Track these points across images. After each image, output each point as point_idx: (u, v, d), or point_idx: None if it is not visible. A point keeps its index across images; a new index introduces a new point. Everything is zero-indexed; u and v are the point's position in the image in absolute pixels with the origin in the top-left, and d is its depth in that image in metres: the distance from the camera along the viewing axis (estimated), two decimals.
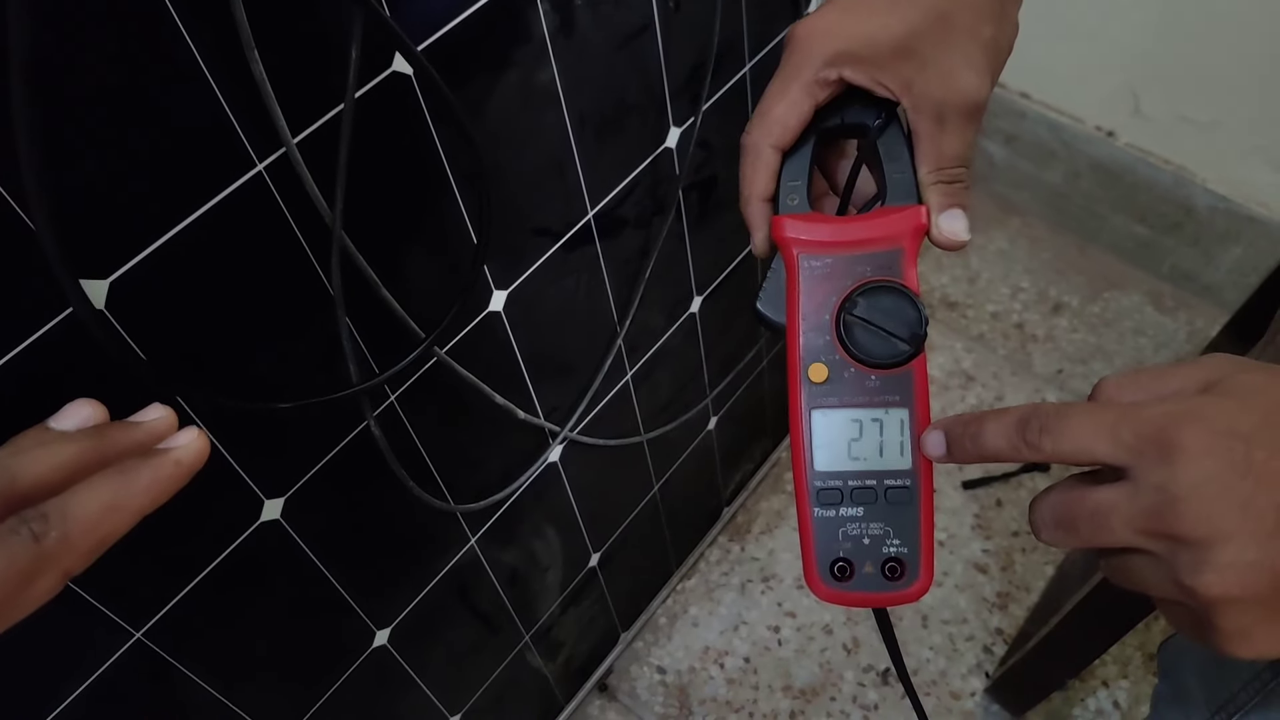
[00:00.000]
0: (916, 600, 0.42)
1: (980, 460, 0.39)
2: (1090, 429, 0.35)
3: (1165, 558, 0.34)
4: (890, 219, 0.42)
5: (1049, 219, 1.60)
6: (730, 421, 1.17)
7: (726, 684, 1.21)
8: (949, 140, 0.41)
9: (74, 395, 0.45)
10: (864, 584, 0.41)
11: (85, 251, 0.43)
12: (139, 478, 0.32)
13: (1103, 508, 0.35)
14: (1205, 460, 0.33)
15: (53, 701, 0.53)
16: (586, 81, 0.64)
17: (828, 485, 0.41)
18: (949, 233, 0.42)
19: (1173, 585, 0.34)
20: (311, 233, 0.52)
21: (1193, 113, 1.34)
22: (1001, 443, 0.37)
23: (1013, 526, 1.30)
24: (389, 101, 0.52)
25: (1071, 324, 1.49)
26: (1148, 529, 0.34)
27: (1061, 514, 0.37)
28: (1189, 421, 0.33)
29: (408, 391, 0.64)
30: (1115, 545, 0.36)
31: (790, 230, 0.42)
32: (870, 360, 0.41)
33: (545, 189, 0.67)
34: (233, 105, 0.45)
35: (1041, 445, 0.36)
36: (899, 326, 0.41)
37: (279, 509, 0.60)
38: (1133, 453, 0.34)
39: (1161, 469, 0.33)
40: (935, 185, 0.42)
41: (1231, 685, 0.62)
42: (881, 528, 0.41)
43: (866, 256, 0.41)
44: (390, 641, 0.76)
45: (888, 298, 0.41)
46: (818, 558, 0.42)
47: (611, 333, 0.84)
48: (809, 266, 0.42)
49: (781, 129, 0.43)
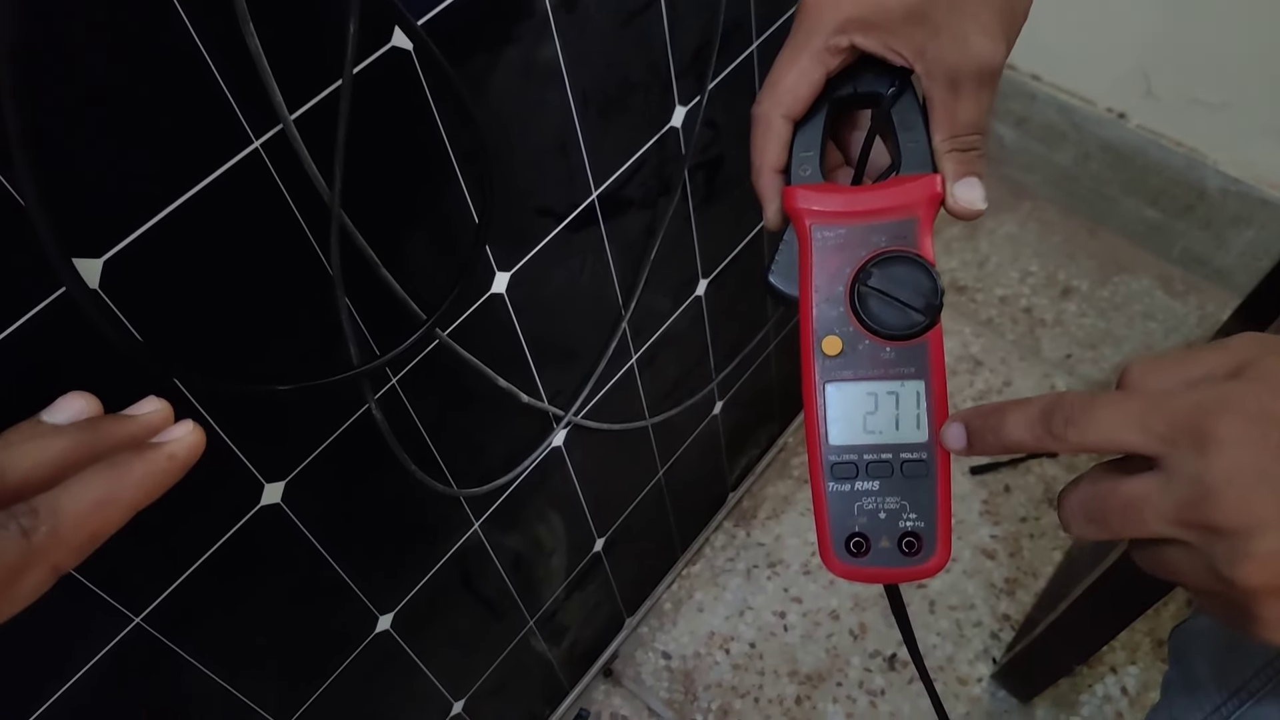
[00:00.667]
0: (934, 575, 0.41)
1: (1003, 452, 0.38)
2: (1119, 419, 0.34)
3: (1202, 548, 0.33)
4: (905, 188, 0.41)
5: (1059, 202, 1.58)
6: (736, 406, 1.16)
7: (732, 669, 1.21)
8: (964, 107, 0.40)
9: (68, 379, 0.45)
10: (880, 559, 0.41)
11: (78, 229, 0.42)
12: (131, 472, 0.32)
13: (1135, 500, 0.34)
14: (1240, 449, 0.32)
15: (54, 686, 0.52)
16: (589, 59, 0.63)
17: (842, 459, 0.41)
18: (965, 201, 0.41)
19: (1210, 575, 0.34)
20: (310, 212, 0.51)
21: (1204, 94, 1.32)
22: (1024, 434, 0.36)
23: (1021, 512, 1.29)
24: (388, 78, 0.51)
25: (1081, 308, 1.48)
26: (1184, 520, 0.33)
27: (1092, 508, 0.36)
28: (1221, 409, 0.33)
29: (409, 374, 0.63)
30: (1147, 536, 0.35)
31: (802, 201, 0.42)
32: (885, 332, 0.40)
33: (548, 169, 0.66)
34: (228, 81, 0.44)
35: (1067, 436, 0.35)
36: (914, 297, 0.40)
37: (279, 493, 0.59)
38: (1165, 442, 0.34)
39: (1196, 459, 0.33)
40: (950, 153, 0.41)
41: (1244, 672, 0.61)
42: (898, 502, 0.41)
43: (881, 226, 0.41)
44: (393, 627, 0.76)
45: (902, 268, 0.40)
46: (833, 533, 0.41)
47: (616, 316, 0.83)
48: (822, 237, 0.41)
49: (792, 98, 0.42)
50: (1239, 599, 0.33)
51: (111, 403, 0.47)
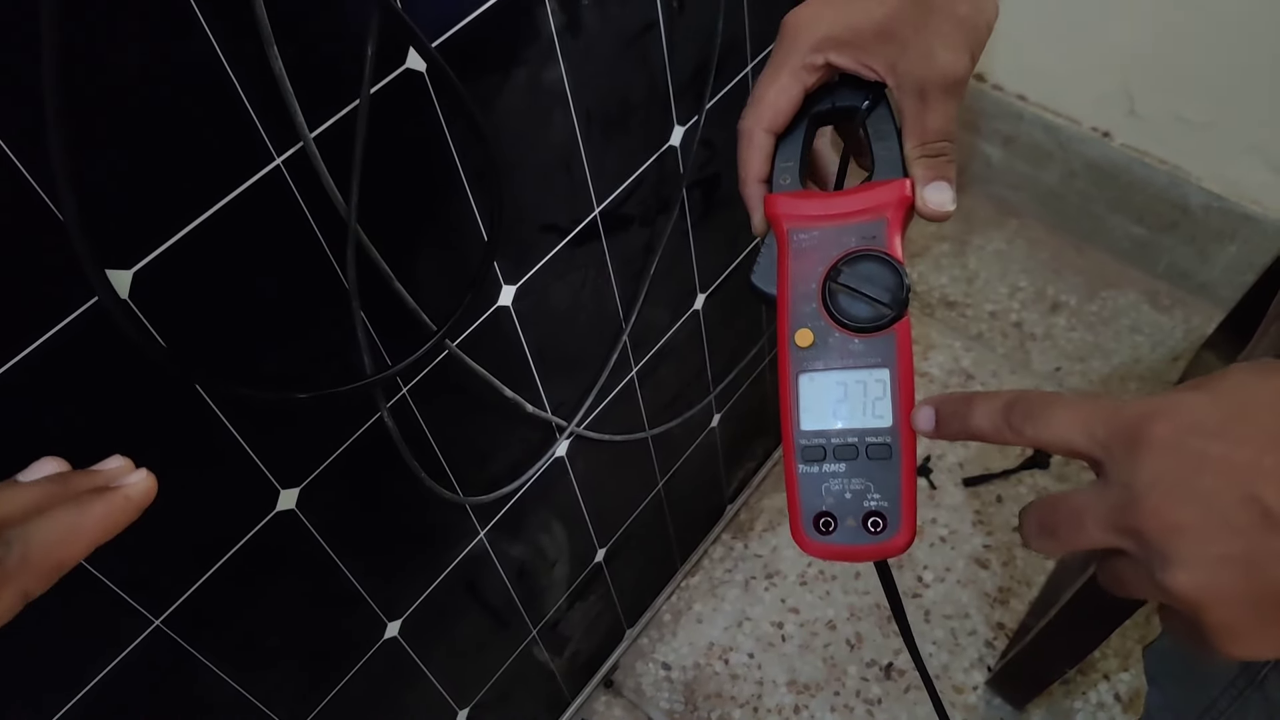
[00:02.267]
0: (899, 554, 0.43)
1: (966, 438, 0.40)
2: (1069, 420, 0.36)
3: (1139, 557, 0.34)
4: (875, 192, 0.44)
5: (1046, 219, 1.61)
6: (733, 419, 1.18)
7: (731, 679, 1.22)
8: (932, 116, 0.43)
9: (98, 383, 0.47)
10: (846, 537, 0.43)
11: (110, 242, 0.44)
12: (93, 510, 0.35)
13: (1078, 509, 0.35)
14: (1164, 455, 0.33)
15: (77, 685, 0.54)
16: (593, 80, 0.65)
17: (812, 443, 0.43)
18: (934, 203, 0.43)
19: (1152, 586, 0.34)
20: (327, 226, 0.53)
21: (1188, 113, 1.36)
22: (986, 424, 0.38)
23: (1013, 522, 1.31)
24: (403, 98, 0.53)
25: (1069, 322, 1.51)
26: (1117, 526, 0.34)
27: (1043, 519, 0.37)
28: (1156, 417, 0.34)
29: (419, 384, 0.65)
30: (1093, 546, 0.36)
31: (781, 207, 0.45)
32: (853, 324, 0.43)
33: (552, 186, 0.68)
34: (252, 100, 0.46)
35: (1024, 430, 0.37)
36: (881, 291, 0.42)
37: (294, 499, 0.61)
38: (1103, 447, 0.35)
39: (1127, 464, 0.34)
40: (921, 159, 0.43)
41: (1210, 691, 0.62)
42: (862, 483, 0.43)
43: (852, 228, 0.43)
44: (401, 633, 0.77)
45: (871, 265, 0.42)
46: (802, 512, 0.43)
47: (617, 329, 0.85)
48: (798, 240, 0.44)
49: (773, 113, 0.45)
50: (1186, 611, 0.34)
51: (134, 402, 0.49)
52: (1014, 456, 1.37)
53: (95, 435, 0.48)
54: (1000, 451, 1.38)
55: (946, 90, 0.42)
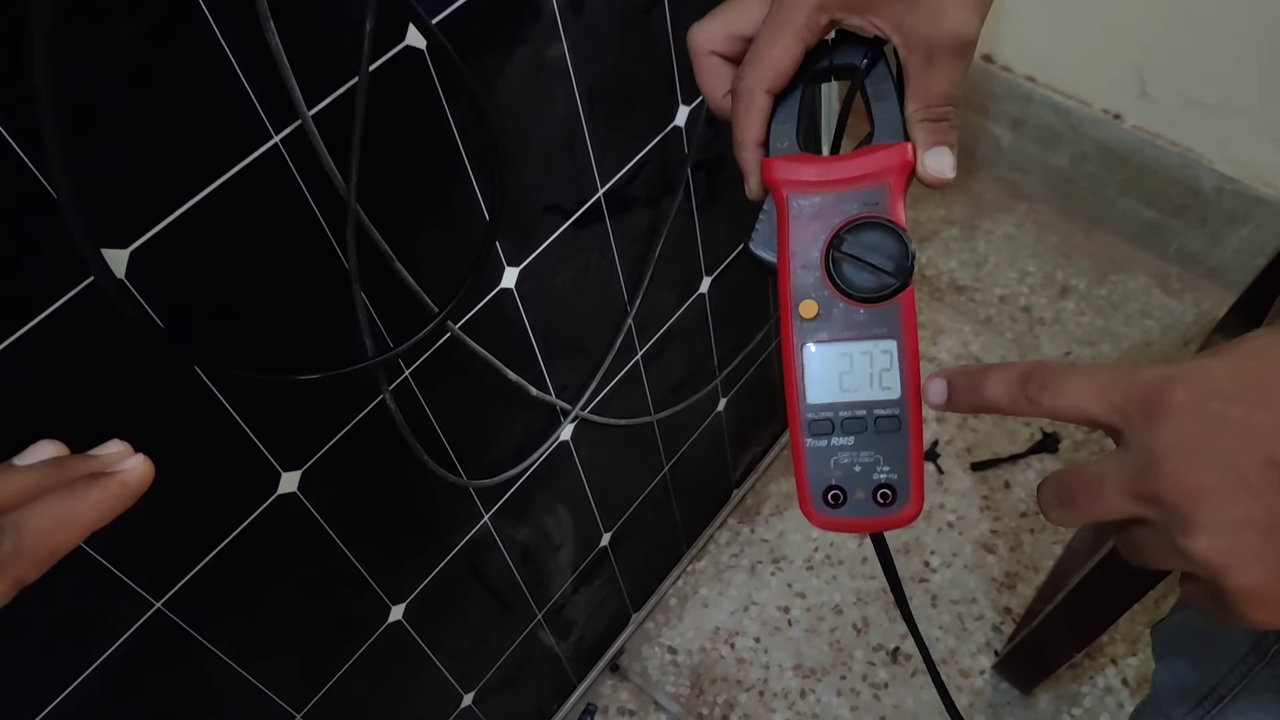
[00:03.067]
0: (907, 524, 0.43)
1: (979, 410, 0.39)
2: (1086, 389, 0.35)
3: (1159, 524, 0.34)
4: (876, 156, 0.42)
5: (1056, 203, 1.60)
6: (740, 404, 1.18)
7: (737, 664, 1.22)
8: (937, 78, 0.42)
9: (95, 365, 0.46)
10: (856, 510, 0.43)
11: (106, 221, 0.44)
12: (88, 496, 0.35)
13: (1097, 476, 0.35)
14: (1184, 418, 0.33)
15: (79, 668, 0.54)
16: (596, 58, 0.65)
17: (819, 416, 0.43)
18: (934, 170, 0.42)
19: (1173, 553, 0.34)
20: (327, 206, 0.52)
21: (1199, 94, 1.34)
22: (1002, 395, 0.38)
23: (1021, 507, 1.31)
24: (402, 76, 0.52)
25: (1079, 307, 1.49)
26: (1137, 493, 0.34)
27: (1062, 489, 0.37)
28: (1175, 382, 0.33)
29: (422, 367, 0.65)
30: (1113, 515, 0.35)
31: (779, 171, 0.43)
32: (858, 294, 0.42)
33: (556, 166, 0.67)
34: (250, 78, 0.46)
35: (1040, 400, 0.36)
36: (885, 260, 0.41)
37: (296, 482, 0.60)
38: (1122, 415, 0.34)
39: (1146, 430, 0.33)
40: (922, 123, 0.42)
41: (1220, 668, 0.61)
42: (872, 455, 0.42)
43: (854, 194, 0.42)
44: (405, 617, 0.77)
45: (874, 233, 0.42)
46: (810, 486, 0.43)
47: (622, 312, 0.84)
48: (798, 206, 0.43)
49: (775, 73, 0.43)
50: (1208, 577, 0.33)
51: (132, 383, 0.48)
52: (1022, 441, 1.36)
53: (93, 418, 0.48)
54: (1008, 436, 1.37)
55: (954, 52, 0.41)
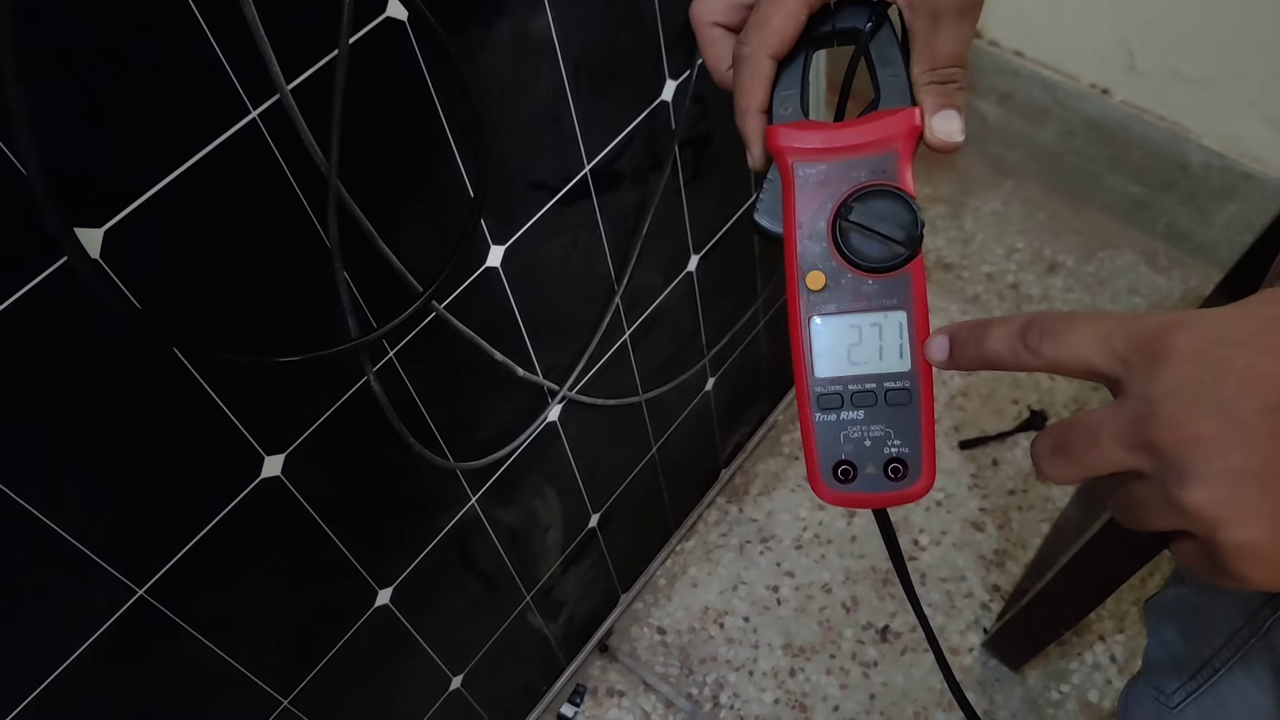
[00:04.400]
0: (919, 499, 0.42)
1: (982, 366, 0.38)
2: (1088, 336, 0.35)
3: (1154, 475, 0.33)
4: (884, 122, 0.41)
5: (1043, 179, 1.59)
6: (728, 384, 1.17)
7: (726, 643, 1.22)
8: (944, 39, 0.41)
9: (70, 349, 0.45)
10: (867, 485, 0.42)
11: (79, 199, 0.42)
12: None
13: (1094, 425, 0.34)
14: (1186, 364, 0.32)
15: (60, 656, 0.52)
16: (581, 30, 0.63)
17: (828, 390, 0.42)
18: (943, 134, 0.41)
19: (1169, 508, 0.33)
20: (307, 183, 0.51)
21: (1187, 69, 1.33)
22: (1003, 347, 0.37)
23: (1009, 485, 1.31)
24: (384, 47, 0.51)
25: (1066, 283, 1.49)
26: (1134, 441, 0.33)
27: (1057, 439, 0.36)
28: (1178, 328, 0.32)
29: (407, 347, 0.64)
30: (1108, 466, 0.34)
31: (784, 139, 0.42)
32: (866, 265, 0.41)
33: (541, 141, 0.66)
34: (225, 50, 0.44)
35: (1041, 350, 0.36)
36: (894, 229, 0.40)
37: (279, 465, 0.59)
38: (1123, 362, 0.33)
39: (1147, 376, 0.33)
40: (929, 86, 0.41)
41: (1213, 642, 0.61)
42: (882, 429, 0.41)
43: (861, 161, 0.41)
44: (392, 601, 0.76)
45: (883, 201, 0.40)
46: (820, 461, 0.42)
47: (609, 291, 0.83)
48: (804, 174, 0.42)
49: (780, 39, 0.42)
50: (1201, 532, 0.32)
51: (109, 370, 0.47)
52: (1010, 419, 1.36)
53: (69, 402, 0.46)
54: (996, 414, 1.37)
55: (960, 12, 0.40)
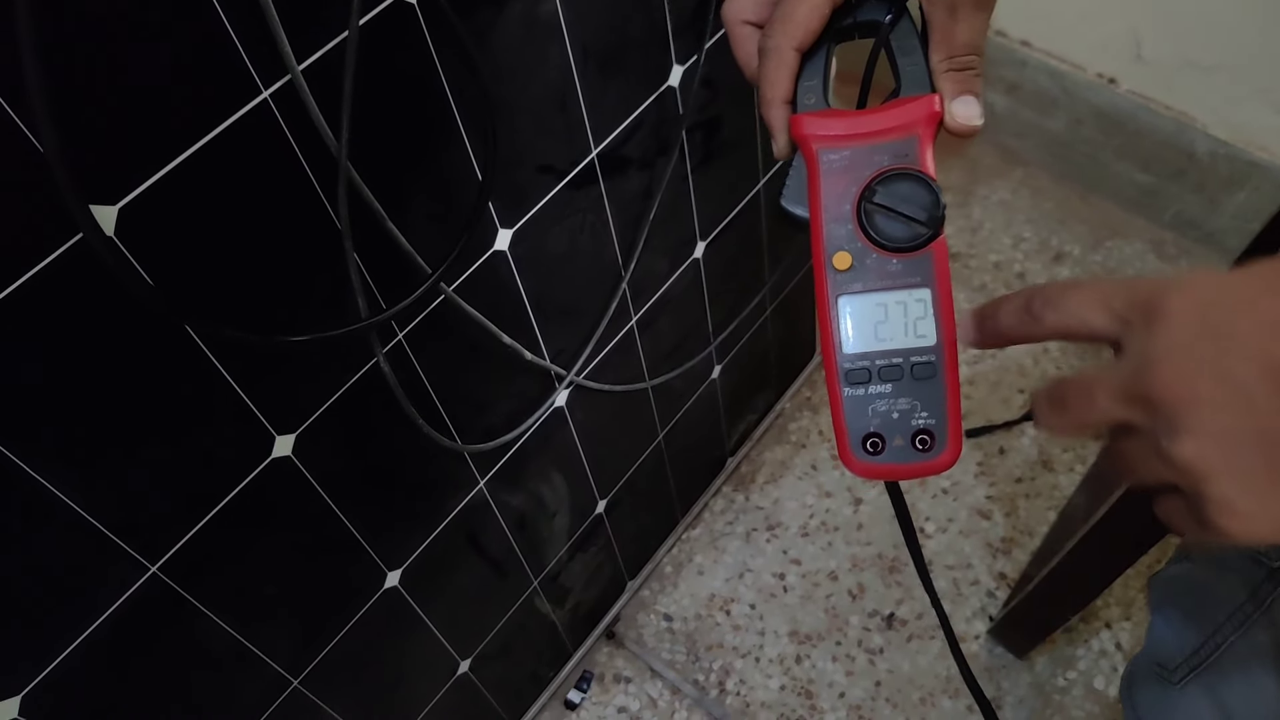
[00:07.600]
0: (947, 469, 0.43)
1: (1001, 342, 0.40)
2: (1088, 299, 0.36)
3: (1147, 428, 0.34)
4: (904, 109, 0.43)
5: (1051, 168, 1.59)
6: (734, 371, 1.17)
7: (733, 630, 1.22)
8: (961, 28, 0.42)
9: (84, 325, 0.46)
10: (895, 456, 0.43)
11: (94, 177, 0.43)
12: None
13: (1090, 380, 0.36)
14: (1184, 323, 0.33)
15: (75, 631, 0.53)
16: (589, 13, 0.64)
17: (856, 366, 0.43)
18: (962, 118, 0.43)
19: (1157, 459, 0.34)
20: (318, 163, 0.52)
21: (1194, 57, 1.33)
22: (1013, 320, 0.39)
23: (1015, 473, 1.31)
24: (394, 29, 0.52)
25: (1074, 273, 1.49)
26: (1129, 394, 0.34)
27: (1055, 393, 0.38)
28: (1178, 289, 0.34)
29: (416, 329, 0.64)
30: (1102, 419, 0.36)
31: (809, 127, 0.44)
32: (891, 245, 0.42)
33: (549, 125, 0.67)
34: (238, 30, 0.45)
35: (1045, 318, 0.37)
36: (917, 210, 0.42)
37: (290, 445, 0.60)
38: (1122, 321, 0.35)
39: (1144, 334, 0.34)
40: (948, 73, 0.43)
41: (1216, 618, 0.62)
42: (910, 402, 0.43)
43: (883, 146, 0.43)
44: (401, 583, 0.77)
45: (905, 184, 0.42)
46: (849, 434, 0.44)
47: (616, 276, 0.84)
48: (828, 160, 0.43)
49: (804, 31, 0.44)
50: (1189, 486, 0.34)
51: (120, 349, 0.48)
52: (1016, 408, 1.36)
53: (83, 379, 0.47)
54: (1002, 403, 1.37)
55: (977, 3, 0.42)
